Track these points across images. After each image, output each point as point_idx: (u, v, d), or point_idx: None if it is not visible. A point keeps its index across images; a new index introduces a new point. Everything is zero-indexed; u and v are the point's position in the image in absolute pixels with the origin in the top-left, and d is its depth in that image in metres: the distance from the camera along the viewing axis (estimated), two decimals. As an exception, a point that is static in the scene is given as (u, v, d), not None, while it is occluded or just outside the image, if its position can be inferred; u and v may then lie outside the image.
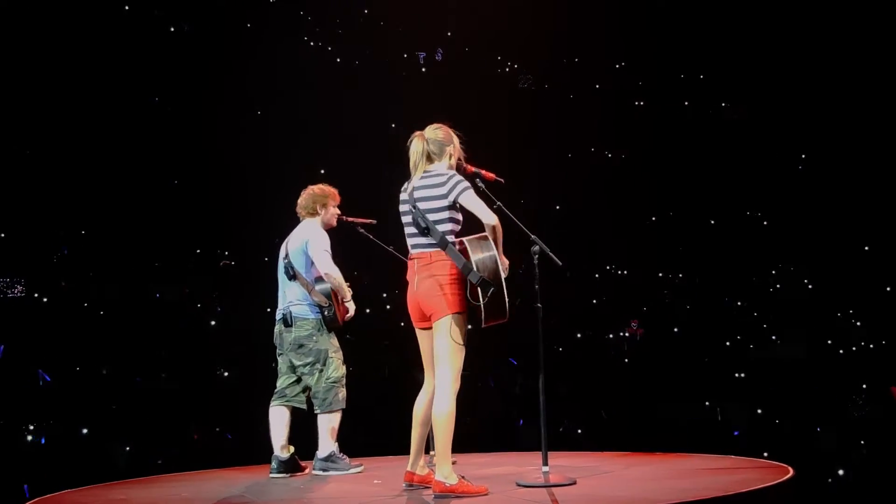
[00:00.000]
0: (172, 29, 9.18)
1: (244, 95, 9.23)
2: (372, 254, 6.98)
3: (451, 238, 5.01)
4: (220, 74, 9.09)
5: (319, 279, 6.31)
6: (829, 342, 9.94)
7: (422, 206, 5.03)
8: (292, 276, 6.31)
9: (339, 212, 6.53)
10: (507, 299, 4.90)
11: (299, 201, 6.51)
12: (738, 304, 10.29)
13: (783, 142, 10.32)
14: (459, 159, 5.25)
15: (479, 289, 4.85)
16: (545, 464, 5.24)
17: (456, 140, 5.23)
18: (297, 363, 6.31)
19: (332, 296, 6.30)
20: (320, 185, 6.54)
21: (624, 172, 10.37)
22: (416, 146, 5.14)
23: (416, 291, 5.07)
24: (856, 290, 9.94)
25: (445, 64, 10.09)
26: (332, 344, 6.33)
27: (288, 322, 6.31)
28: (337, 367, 6.30)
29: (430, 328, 5.06)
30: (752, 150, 10.24)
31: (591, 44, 10.31)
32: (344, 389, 6.31)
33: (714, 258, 10.27)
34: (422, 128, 5.21)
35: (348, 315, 6.50)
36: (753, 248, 10.19)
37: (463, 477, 4.99)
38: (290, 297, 6.35)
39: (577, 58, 10.50)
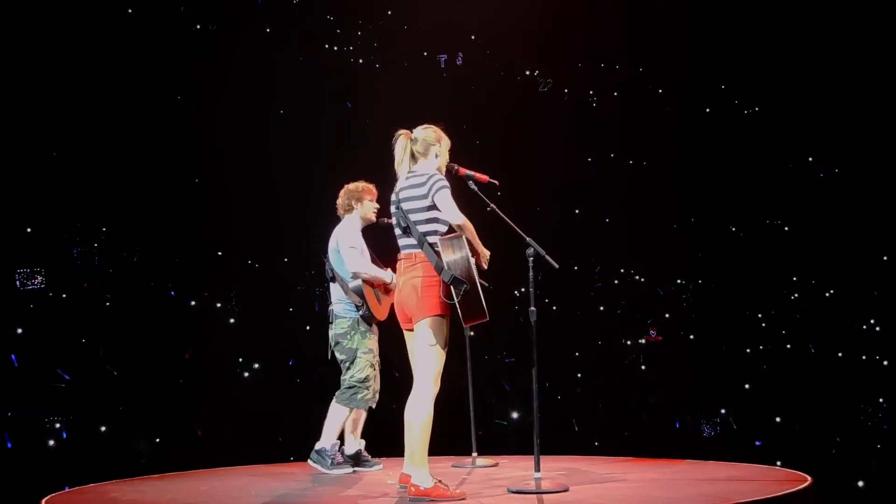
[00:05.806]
0: (198, 26, 9.26)
1: (267, 95, 9.29)
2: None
3: (433, 238, 4.95)
4: (243, 74, 9.17)
5: (356, 276, 6.32)
6: (847, 350, 9.90)
7: (405, 206, 5.02)
8: (331, 276, 6.38)
9: (377, 206, 6.49)
10: (482, 297, 4.86)
11: (337, 201, 6.51)
12: (758, 311, 10.24)
13: (805, 149, 10.28)
14: (451, 162, 5.22)
15: (451, 287, 4.82)
16: (537, 469, 5.10)
17: (445, 141, 5.18)
18: (339, 358, 6.38)
19: (370, 290, 6.32)
20: (355, 182, 6.53)
21: (645, 179, 10.34)
22: (400, 145, 5.13)
23: (399, 293, 5.05)
24: (876, 298, 9.89)
25: (466, 67, 10.11)
26: (364, 344, 6.32)
27: (330, 320, 6.41)
28: (362, 369, 6.27)
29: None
30: (772, 158, 10.20)
31: (614, 49, 10.31)
32: (367, 391, 6.26)
33: (734, 265, 10.23)
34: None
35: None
36: (774, 256, 10.15)
37: (440, 481, 4.93)
38: (332, 297, 6.44)
39: (602, 63, 10.52)
